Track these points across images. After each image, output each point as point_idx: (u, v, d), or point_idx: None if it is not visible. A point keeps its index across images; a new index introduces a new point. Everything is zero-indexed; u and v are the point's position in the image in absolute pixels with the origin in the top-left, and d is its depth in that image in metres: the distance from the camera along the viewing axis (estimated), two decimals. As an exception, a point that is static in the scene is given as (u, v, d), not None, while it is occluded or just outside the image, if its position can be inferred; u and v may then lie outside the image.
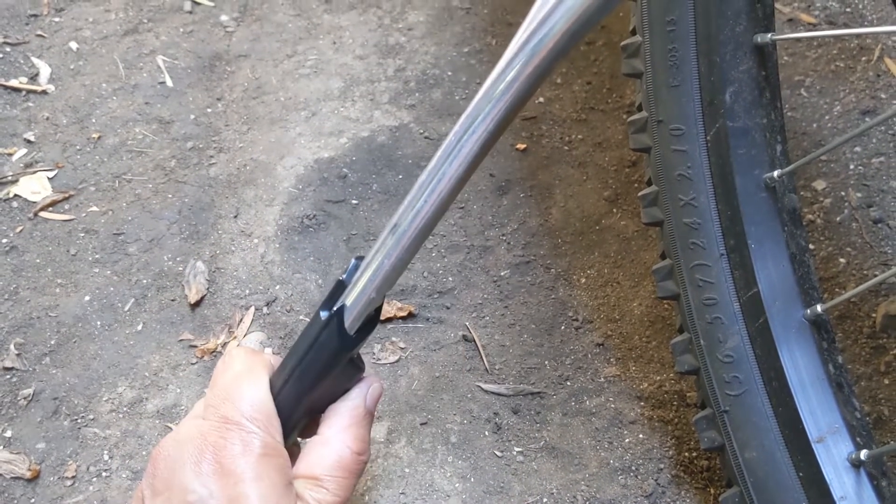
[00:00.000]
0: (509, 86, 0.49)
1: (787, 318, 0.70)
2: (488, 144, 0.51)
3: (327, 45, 1.33)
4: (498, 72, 0.49)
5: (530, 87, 0.49)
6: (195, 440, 0.51)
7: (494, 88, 0.49)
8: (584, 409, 0.91)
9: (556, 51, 0.47)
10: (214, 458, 0.49)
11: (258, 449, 0.50)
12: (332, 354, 0.58)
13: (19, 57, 1.31)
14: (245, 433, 0.51)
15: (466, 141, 0.51)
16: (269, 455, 0.51)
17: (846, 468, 0.66)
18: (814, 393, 0.68)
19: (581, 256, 1.04)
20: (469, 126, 0.51)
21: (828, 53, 1.23)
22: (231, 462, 0.49)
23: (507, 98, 0.49)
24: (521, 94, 0.49)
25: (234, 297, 1.01)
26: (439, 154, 0.52)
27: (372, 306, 0.58)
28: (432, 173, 0.53)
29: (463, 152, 0.51)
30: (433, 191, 0.53)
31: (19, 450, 0.89)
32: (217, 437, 0.50)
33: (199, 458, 0.50)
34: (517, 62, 0.48)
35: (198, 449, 0.50)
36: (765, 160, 0.71)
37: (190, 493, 0.48)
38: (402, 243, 0.54)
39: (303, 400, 0.59)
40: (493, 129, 0.50)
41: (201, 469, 0.49)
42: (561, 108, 1.22)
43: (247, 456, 0.50)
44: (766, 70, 0.71)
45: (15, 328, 0.98)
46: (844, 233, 1.02)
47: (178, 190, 1.13)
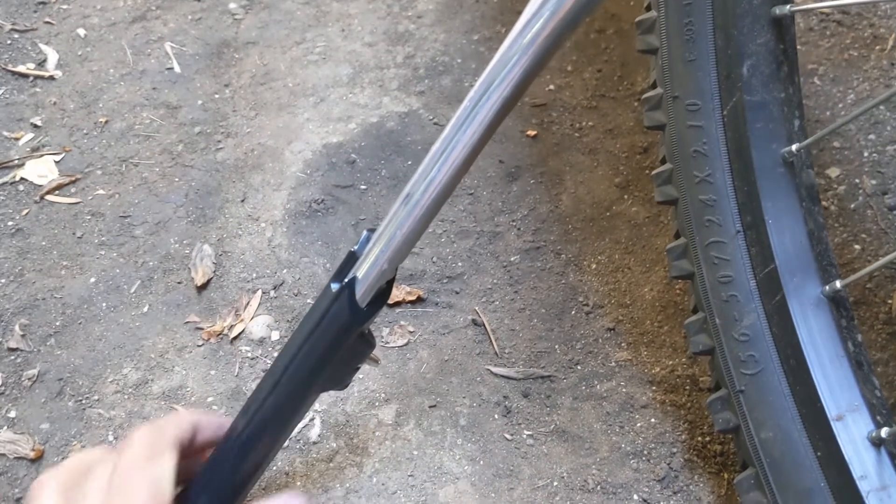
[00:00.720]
0: (525, 49, 0.47)
1: (805, 295, 0.68)
2: (503, 111, 0.50)
3: (336, 33, 1.32)
4: (513, 36, 0.48)
5: (545, 53, 0.48)
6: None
7: (510, 52, 0.48)
8: (594, 394, 0.89)
9: (571, 14, 0.46)
10: None
11: None
12: (343, 328, 0.56)
13: (27, 43, 1.31)
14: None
15: (481, 107, 0.50)
16: None
17: (866, 447, 0.65)
18: (832, 370, 0.67)
19: (592, 242, 1.03)
20: (484, 92, 0.49)
21: (841, 42, 1.22)
22: None
23: (524, 62, 0.48)
24: (537, 59, 0.48)
25: (240, 281, 1.00)
26: (453, 122, 0.51)
27: (384, 279, 0.56)
28: (446, 141, 0.51)
29: (477, 119, 0.50)
30: (446, 160, 0.51)
31: (23, 430, 0.88)
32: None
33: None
34: (534, 24, 0.47)
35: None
36: (782, 135, 0.70)
37: None
38: (414, 213, 0.53)
39: (312, 375, 0.57)
40: (508, 94, 0.49)
41: None
42: (571, 96, 1.20)
43: None
44: (784, 43, 0.69)
45: (20, 309, 0.98)
46: (859, 220, 1.01)
47: (185, 174, 1.12)
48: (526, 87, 0.49)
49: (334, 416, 0.88)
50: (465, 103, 0.50)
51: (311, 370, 0.58)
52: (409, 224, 0.53)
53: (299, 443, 0.86)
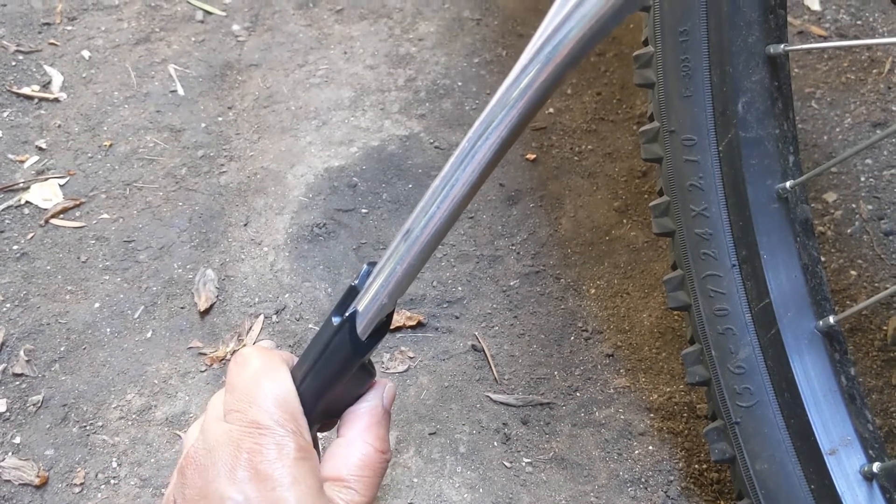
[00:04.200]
0: (523, 92, 0.48)
1: (800, 329, 0.69)
2: (502, 150, 0.51)
3: (338, 55, 1.33)
4: (512, 78, 0.49)
5: (544, 94, 0.49)
6: (227, 447, 0.50)
7: (509, 94, 0.49)
8: (593, 420, 0.90)
9: (570, 57, 0.46)
10: (249, 464, 0.48)
11: (293, 453, 0.49)
12: (344, 359, 0.57)
13: (32, 65, 1.32)
14: (278, 437, 0.50)
15: (480, 147, 0.51)
16: (304, 458, 0.50)
17: (858, 481, 0.66)
18: (826, 405, 0.68)
19: (591, 267, 1.04)
20: (483, 132, 0.50)
21: (838, 66, 1.23)
22: (268, 467, 0.48)
23: (522, 104, 0.49)
24: (535, 101, 0.49)
25: (243, 305, 1.01)
26: (452, 160, 0.52)
27: (384, 312, 0.57)
28: (445, 179, 0.52)
29: (476, 158, 0.51)
30: (446, 196, 0.52)
31: (28, 456, 0.89)
32: (251, 444, 0.49)
33: (234, 465, 0.48)
34: (531, 69, 0.48)
35: (231, 456, 0.49)
36: (777, 171, 0.71)
37: (227, 499, 0.47)
38: (414, 249, 0.54)
39: (315, 405, 0.59)
40: (506, 135, 0.50)
41: (236, 476, 0.48)
42: (571, 119, 1.22)
43: (283, 460, 0.49)
44: (779, 80, 0.71)
45: (25, 334, 0.99)
46: (855, 245, 1.02)
47: (188, 198, 1.13)
48: (524, 128, 0.50)
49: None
50: (463, 143, 0.51)
51: (313, 400, 0.59)
52: (408, 259, 0.55)
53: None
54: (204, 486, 0.49)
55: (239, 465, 0.48)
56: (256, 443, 0.49)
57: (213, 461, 0.49)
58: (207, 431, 0.52)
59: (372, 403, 0.58)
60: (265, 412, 0.51)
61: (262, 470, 0.48)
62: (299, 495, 0.48)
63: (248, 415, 0.51)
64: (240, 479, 0.48)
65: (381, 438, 0.56)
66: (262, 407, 0.52)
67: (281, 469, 0.48)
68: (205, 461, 0.50)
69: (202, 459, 0.50)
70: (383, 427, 0.57)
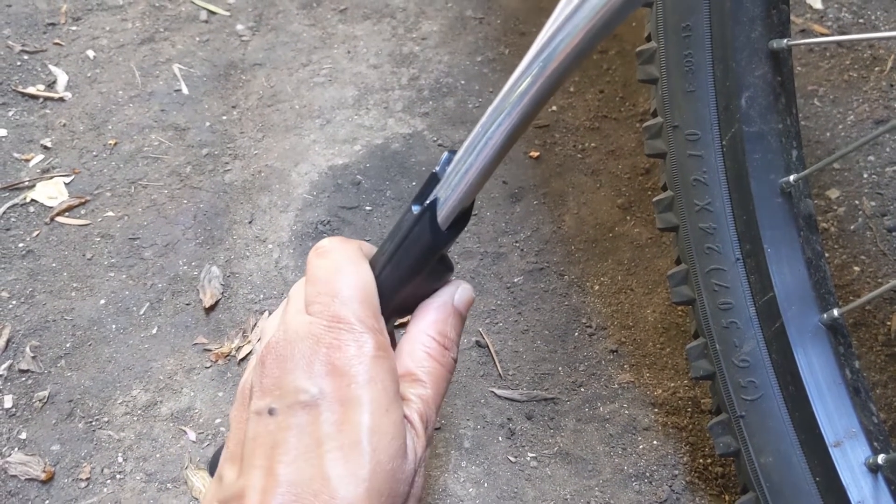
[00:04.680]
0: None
1: (803, 323, 0.70)
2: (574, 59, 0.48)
3: (342, 55, 1.34)
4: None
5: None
6: (307, 340, 0.49)
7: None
8: (597, 416, 0.90)
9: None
10: (327, 359, 0.48)
11: (371, 351, 0.48)
12: (424, 250, 0.55)
13: (37, 65, 1.33)
14: (358, 333, 0.49)
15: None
16: (382, 357, 0.49)
17: (863, 473, 0.66)
18: (830, 397, 0.68)
19: (594, 263, 1.04)
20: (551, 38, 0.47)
21: (841, 63, 1.23)
22: (345, 364, 0.48)
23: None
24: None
25: (248, 302, 1.02)
26: (530, 57, 0.49)
27: (466, 201, 0.54)
28: (525, 68, 0.49)
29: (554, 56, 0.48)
30: (541, 70, 0.49)
31: (34, 451, 0.89)
32: (331, 338, 0.49)
33: (312, 359, 0.48)
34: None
35: (310, 349, 0.48)
36: (780, 165, 0.71)
37: (301, 392, 0.47)
38: (501, 130, 0.51)
39: (392, 297, 0.56)
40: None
41: (314, 370, 0.48)
42: (574, 117, 1.22)
43: (361, 357, 0.48)
44: (782, 75, 0.71)
45: (31, 331, 0.99)
46: (858, 241, 1.02)
47: (193, 196, 1.13)
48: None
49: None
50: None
51: (392, 292, 0.57)
52: (492, 144, 0.51)
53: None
54: (280, 377, 0.49)
55: (317, 359, 0.48)
56: (336, 338, 0.49)
57: (292, 353, 0.49)
58: (288, 322, 0.52)
59: (441, 300, 0.56)
60: (346, 306, 0.50)
61: (339, 366, 0.48)
62: (374, 394, 0.47)
63: (330, 308, 0.50)
64: (316, 372, 0.48)
65: (445, 335, 0.55)
66: (344, 301, 0.51)
67: (358, 366, 0.48)
68: (284, 352, 0.49)
69: (282, 350, 0.50)
70: (450, 325, 0.56)
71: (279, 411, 0.48)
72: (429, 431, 0.51)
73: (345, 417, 0.46)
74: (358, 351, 0.48)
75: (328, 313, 0.50)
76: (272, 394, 0.48)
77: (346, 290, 0.51)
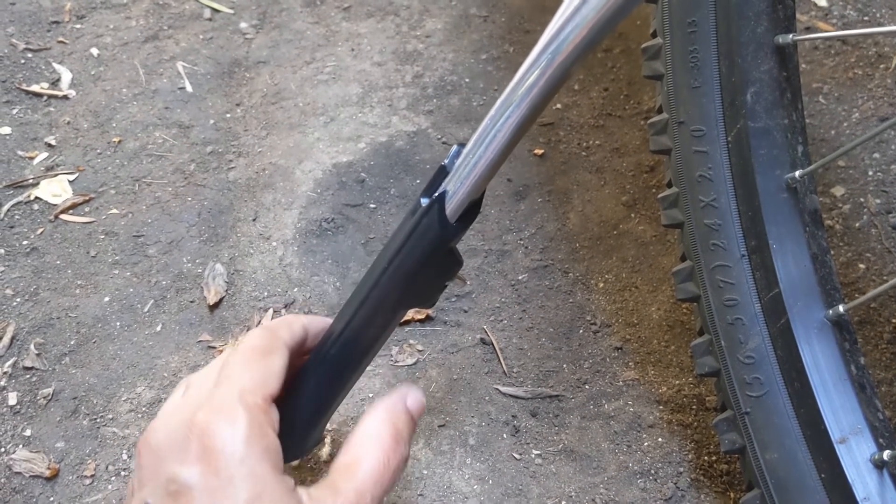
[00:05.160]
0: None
1: (809, 319, 0.69)
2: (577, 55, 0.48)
3: (346, 52, 1.34)
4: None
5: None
6: (180, 425, 0.47)
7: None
8: (602, 413, 0.90)
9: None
10: (200, 443, 0.46)
11: (244, 430, 0.46)
12: (433, 242, 0.55)
13: (41, 63, 1.33)
14: (233, 413, 0.47)
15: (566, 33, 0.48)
16: (256, 436, 0.47)
17: (869, 469, 0.66)
18: (836, 393, 0.68)
19: (599, 261, 1.04)
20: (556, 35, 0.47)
21: (846, 61, 1.23)
22: (216, 445, 0.45)
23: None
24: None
25: (252, 300, 1.02)
26: (540, 47, 0.49)
27: (474, 194, 0.54)
28: (531, 64, 0.49)
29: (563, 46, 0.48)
30: (549, 63, 0.49)
31: (39, 448, 0.89)
32: (204, 422, 0.46)
33: (185, 444, 0.46)
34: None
35: (183, 434, 0.47)
36: (786, 161, 0.71)
37: (172, 482, 0.45)
38: (509, 122, 0.52)
39: (402, 289, 0.57)
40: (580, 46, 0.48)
41: (186, 456, 0.46)
42: (578, 115, 1.22)
43: (234, 437, 0.46)
44: (787, 71, 0.71)
45: (35, 328, 0.99)
46: (864, 239, 1.02)
47: (197, 193, 1.14)
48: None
49: (345, 434, 0.89)
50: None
51: (400, 285, 0.57)
52: (501, 137, 0.52)
53: (310, 462, 0.87)
54: (154, 467, 0.47)
55: (189, 444, 0.46)
56: (208, 420, 0.47)
57: (166, 440, 0.48)
58: (165, 409, 0.51)
59: (394, 399, 0.56)
60: (233, 389, 0.49)
61: (210, 448, 0.46)
62: (248, 473, 0.45)
63: (216, 391, 0.49)
64: (189, 459, 0.46)
65: (399, 429, 0.54)
66: (232, 384, 0.49)
67: (230, 446, 0.46)
68: (158, 441, 0.48)
69: (156, 438, 0.48)
70: (402, 422, 0.55)
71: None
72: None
73: (219, 502, 0.45)
74: (231, 430, 0.46)
75: (205, 398, 0.49)
76: (147, 487, 0.47)
77: (238, 374, 0.50)
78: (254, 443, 0.47)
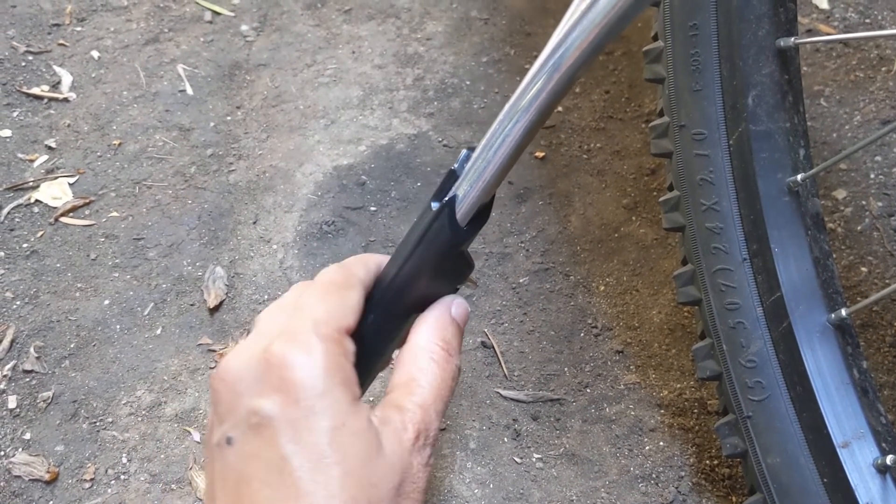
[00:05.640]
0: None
1: (811, 323, 0.69)
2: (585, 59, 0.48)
3: (346, 55, 1.34)
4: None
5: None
6: (258, 359, 0.47)
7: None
8: (603, 417, 0.90)
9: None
10: (278, 375, 0.46)
11: (321, 361, 0.47)
12: (443, 246, 0.55)
13: (41, 65, 1.33)
14: (308, 346, 0.47)
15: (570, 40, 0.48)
16: (333, 368, 0.47)
17: (871, 474, 0.65)
18: (838, 398, 0.68)
19: (600, 264, 1.04)
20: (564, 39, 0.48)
21: (847, 63, 1.23)
22: (295, 377, 0.46)
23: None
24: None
25: (252, 303, 1.01)
26: (548, 51, 0.49)
27: (484, 198, 0.54)
28: (539, 68, 0.50)
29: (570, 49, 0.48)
30: (556, 67, 0.49)
31: (38, 452, 0.89)
32: (281, 354, 0.46)
33: (262, 377, 0.46)
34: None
35: (260, 368, 0.46)
36: (788, 164, 0.71)
37: (253, 414, 0.45)
38: (518, 127, 0.52)
39: (413, 293, 0.56)
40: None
41: (264, 388, 0.46)
42: (579, 117, 1.22)
43: (312, 370, 0.46)
44: (789, 74, 0.71)
45: (35, 331, 0.99)
46: (866, 242, 1.02)
47: (197, 196, 1.13)
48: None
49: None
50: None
51: (411, 289, 0.57)
52: (510, 140, 0.52)
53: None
54: (232, 402, 0.47)
55: (267, 377, 0.46)
56: (285, 353, 0.47)
57: (243, 375, 0.47)
58: (240, 346, 0.50)
59: (439, 311, 0.55)
60: (308, 321, 0.49)
61: (289, 380, 0.46)
62: (329, 404, 0.46)
63: (289, 324, 0.49)
64: (267, 391, 0.46)
65: (448, 341, 0.54)
66: (306, 316, 0.49)
67: (308, 379, 0.46)
68: (234, 376, 0.48)
69: (232, 374, 0.48)
70: (451, 333, 0.55)
71: (236, 440, 0.46)
72: (428, 437, 0.50)
73: (302, 434, 0.45)
74: (309, 363, 0.46)
75: (288, 329, 0.49)
76: (227, 421, 0.47)
77: (313, 305, 0.50)
78: (332, 374, 0.47)
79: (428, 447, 0.50)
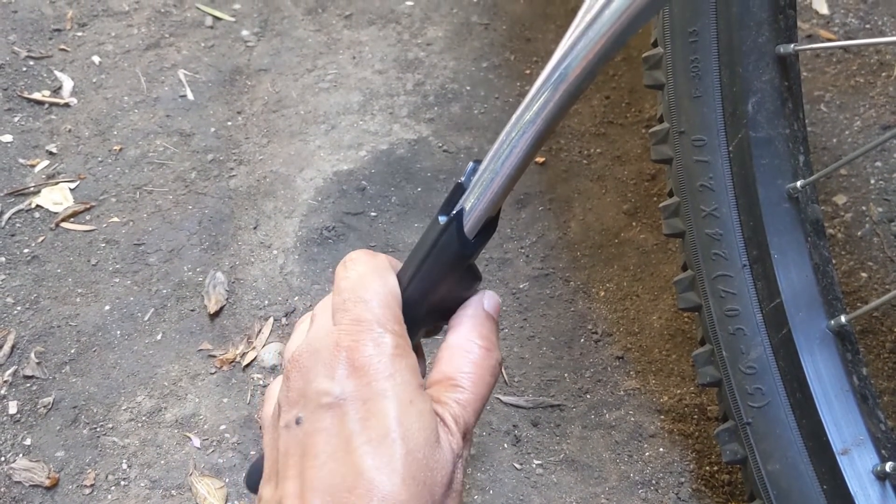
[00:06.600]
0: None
1: (811, 329, 0.69)
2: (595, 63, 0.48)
3: (347, 60, 1.34)
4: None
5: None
6: (328, 347, 0.49)
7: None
8: (603, 422, 0.90)
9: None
10: (348, 361, 0.48)
11: (390, 349, 0.49)
12: (451, 259, 0.55)
13: (42, 70, 1.33)
14: (377, 334, 0.50)
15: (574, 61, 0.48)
16: (401, 355, 0.49)
17: (871, 480, 0.65)
18: (838, 404, 0.68)
19: (600, 269, 1.04)
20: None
21: (847, 69, 1.23)
22: (365, 362, 0.48)
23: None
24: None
25: (253, 308, 1.01)
26: (550, 66, 0.49)
27: (492, 210, 0.54)
28: (545, 80, 0.50)
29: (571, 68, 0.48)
30: (563, 78, 0.49)
31: (38, 458, 0.89)
32: (350, 341, 0.49)
33: (333, 363, 0.48)
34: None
35: (331, 354, 0.49)
36: (787, 170, 0.71)
37: (324, 395, 0.47)
38: (525, 138, 0.52)
39: (421, 307, 0.56)
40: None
41: (335, 373, 0.48)
42: (580, 123, 1.22)
43: (381, 356, 0.48)
44: (789, 80, 0.71)
45: (35, 337, 0.99)
46: (866, 247, 1.02)
47: (198, 201, 1.13)
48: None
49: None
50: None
51: (420, 304, 0.57)
52: (517, 152, 0.52)
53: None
54: (304, 386, 0.49)
55: (338, 363, 0.48)
56: (355, 339, 0.49)
57: (314, 362, 0.49)
58: (311, 334, 0.52)
59: (474, 307, 0.57)
60: (367, 310, 0.51)
61: (359, 365, 0.48)
62: (396, 387, 0.48)
63: (351, 313, 0.51)
64: (338, 375, 0.48)
65: (485, 337, 0.55)
66: (365, 305, 0.51)
67: (378, 364, 0.48)
68: (307, 362, 0.50)
69: (305, 361, 0.50)
70: (486, 328, 0.56)
71: (305, 419, 0.48)
72: (464, 431, 0.51)
73: (370, 412, 0.47)
74: (377, 349, 0.49)
75: (349, 318, 0.51)
76: (298, 404, 0.49)
77: (367, 295, 0.52)
78: (399, 361, 0.49)
79: (468, 447, 0.52)
